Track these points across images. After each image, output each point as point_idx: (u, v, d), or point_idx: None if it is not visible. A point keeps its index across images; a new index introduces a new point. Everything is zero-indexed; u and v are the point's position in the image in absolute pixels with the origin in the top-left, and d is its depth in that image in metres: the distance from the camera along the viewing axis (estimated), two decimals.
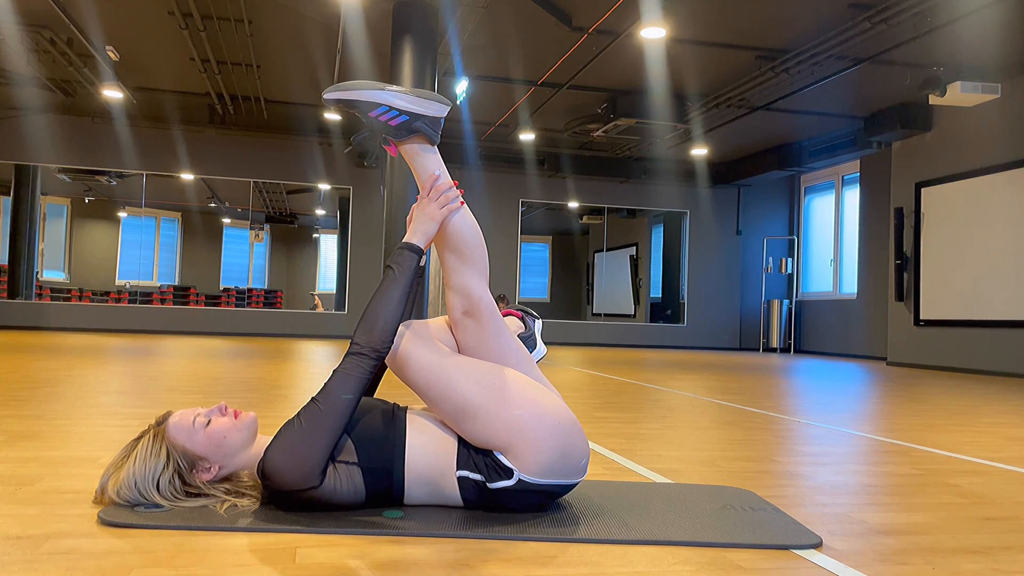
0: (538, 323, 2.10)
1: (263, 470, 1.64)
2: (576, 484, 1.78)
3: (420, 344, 1.75)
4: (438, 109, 1.80)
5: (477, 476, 1.71)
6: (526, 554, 1.51)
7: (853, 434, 3.42)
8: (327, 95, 1.79)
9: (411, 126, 1.79)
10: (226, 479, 1.76)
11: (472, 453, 1.72)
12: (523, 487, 1.70)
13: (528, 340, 2.02)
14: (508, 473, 1.69)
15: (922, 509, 2.04)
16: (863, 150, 10.89)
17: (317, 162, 12.82)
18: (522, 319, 2.08)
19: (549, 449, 1.69)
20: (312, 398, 1.67)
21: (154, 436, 1.71)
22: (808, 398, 5.08)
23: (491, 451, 1.71)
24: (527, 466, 1.69)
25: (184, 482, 1.69)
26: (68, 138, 11.94)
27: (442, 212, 1.81)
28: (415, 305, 1.91)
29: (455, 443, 1.74)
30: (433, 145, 1.84)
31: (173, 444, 1.69)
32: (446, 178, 1.85)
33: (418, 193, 1.87)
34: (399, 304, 1.73)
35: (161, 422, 1.74)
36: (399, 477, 1.71)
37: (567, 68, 8.88)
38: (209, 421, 1.72)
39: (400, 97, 1.78)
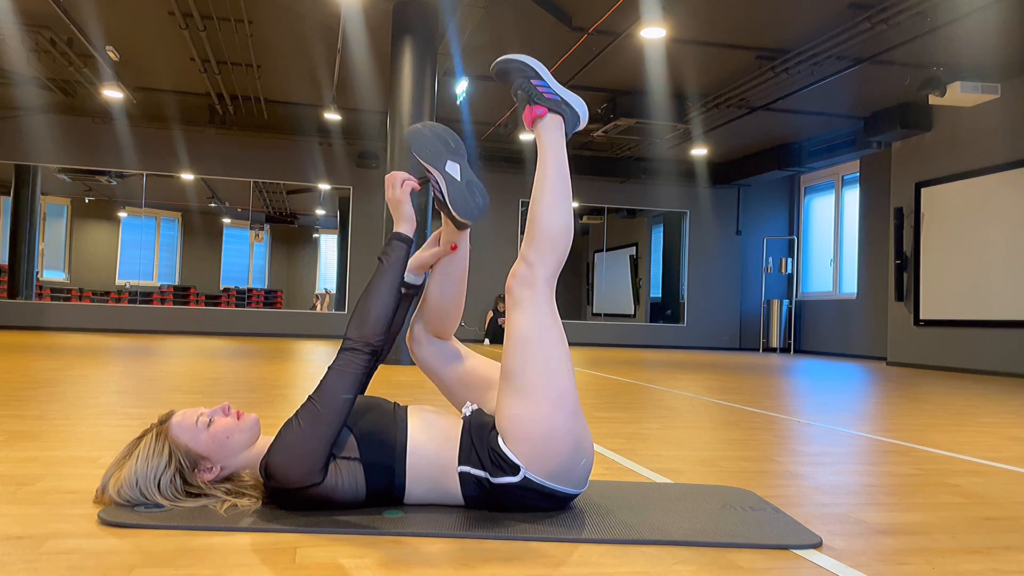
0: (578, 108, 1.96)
1: (266, 470, 1.65)
2: (578, 495, 1.79)
3: (544, 298, 1.78)
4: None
5: (480, 472, 1.72)
6: (526, 554, 1.51)
7: (853, 434, 3.42)
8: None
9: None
10: (227, 479, 1.76)
11: (477, 450, 1.73)
12: (527, 484, 1.70)
13: (567, 113, 1.94)
14: (514, 469, 1.69)
15: (922, 509, 2.04)
16: (863, 150, 10.88)
17: (317, 162, 12.82)
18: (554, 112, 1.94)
19: (562, 459, 1.71)
20: (309, 396, 1.68)
21: (156, 435, 1.72)
22: (808, 398, 5.08)
23: (498, 445, 1.71)
24: (534, 465, 1.69)
25: (185, 481, 1.70)
26: (68, 138, 11.94)
27: (401, 190, 1.85)
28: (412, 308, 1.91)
29: (458, 439, 1.75)
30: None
31: (176, 443, 1.70)
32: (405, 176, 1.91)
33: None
34: (390, 296, 1.76)
35: (164, 421, 1.75)
36: (400, 474, 1.71)
37: (567, 68, 8.87)
38: (211, 421, 1.73)
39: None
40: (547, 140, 1.92)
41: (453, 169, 1.82)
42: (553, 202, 1.85)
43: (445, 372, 1.99)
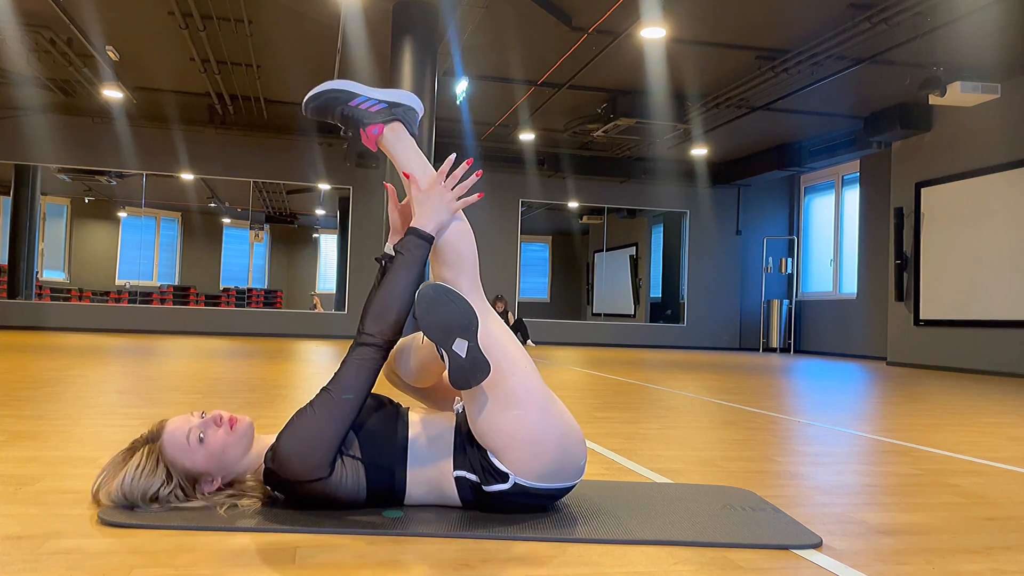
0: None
1: (274, 458, 1.62)
2: (573, 486, 1.76)
3: (477, 306, 1.68)
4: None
5: (473, 477, 1.70)
6: (526, 554, 1.51)
7: (853, 434, 3.42)
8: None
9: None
10: (228, 484, 1.74)
11: (469, 453, 1.71)
12: (519, 490, 1.68)
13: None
14: (503, 477, 1.67)
15: (922, 509, 2.04)
16: (863, 150, 10.88)
17: (317, 162, 12.82)
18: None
19: (549, 458, 1.67)
20: (324, 388, 1.65)
21: (148, 453, 1.66)
22: (808, 398, 5.08)
23: (486, 452, 1.69)
24: (523, 471, 1.66)
25: (186, 494, 1.67)
26: (68, 138, 11.94)
27: (460, 203, 1.75)
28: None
29: (452, 443, 1.74)
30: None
31: (173, 464, 1.65)
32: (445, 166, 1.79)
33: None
34: (411, 292, 1.69)
35: (154, 439, 1.68)
36: (401, 476, 1.70)
37: (567, 68, 8.87)
38: (203, 437, 1.66)
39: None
40: (398, 151, 1.81)
41: (460, 347, 1.62)
42: None
43: (426, 390, 1.97)
